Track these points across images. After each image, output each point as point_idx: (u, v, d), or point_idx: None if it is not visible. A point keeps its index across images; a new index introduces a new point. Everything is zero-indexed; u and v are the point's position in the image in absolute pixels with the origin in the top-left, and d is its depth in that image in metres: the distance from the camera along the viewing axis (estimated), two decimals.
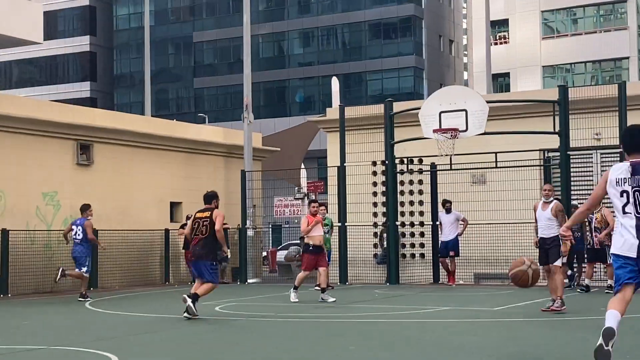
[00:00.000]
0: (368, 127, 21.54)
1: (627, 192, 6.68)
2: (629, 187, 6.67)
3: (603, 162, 20.30)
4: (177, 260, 22.91)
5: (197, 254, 12.71)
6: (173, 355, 9.13)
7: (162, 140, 23.13)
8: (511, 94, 37.78)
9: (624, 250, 6.67)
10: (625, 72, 46.64)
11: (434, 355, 8.61)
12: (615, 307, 6.65)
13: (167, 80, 64.93)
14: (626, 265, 6.68)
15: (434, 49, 60.21)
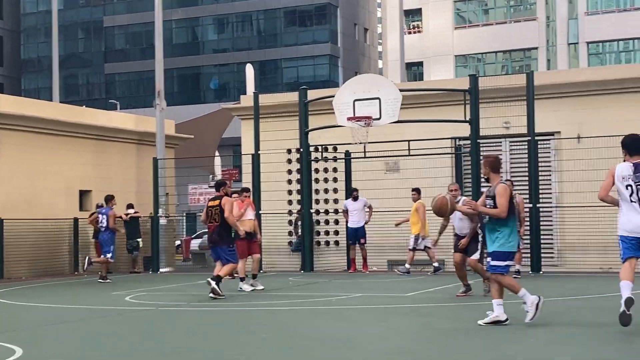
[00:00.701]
0: (283, 114, 21.47)
1: (631, 185, 8.84)
2: (632, 182, 8.85)
3: (512, 151, 20.73)
4: (86, 249, 22.40)
5: (214, 240, 13.66)
6: (81, 346, 8.91)
7: (71, 127, 22.57)
8: (424, 82, 38.30)
9: (631, 231, 8.81)
10: (534, 62, 47.76)
11: (344, 343, 8.63)
12: (626, 278, 8.81)
13: (77, 65, 63.45)
14: (631, 244, 8.85)
15: (349, 37, 60.48)
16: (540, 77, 20.22)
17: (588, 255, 18.69)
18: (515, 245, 9.51)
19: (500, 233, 9.39)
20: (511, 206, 9.38)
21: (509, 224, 9.37)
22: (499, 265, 9.37)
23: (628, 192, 8.83)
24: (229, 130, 34.91)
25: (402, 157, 19.99)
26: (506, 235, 9.37)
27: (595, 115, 20.08)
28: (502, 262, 9.36)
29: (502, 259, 9.36)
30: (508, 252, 9.38)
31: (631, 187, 8.83)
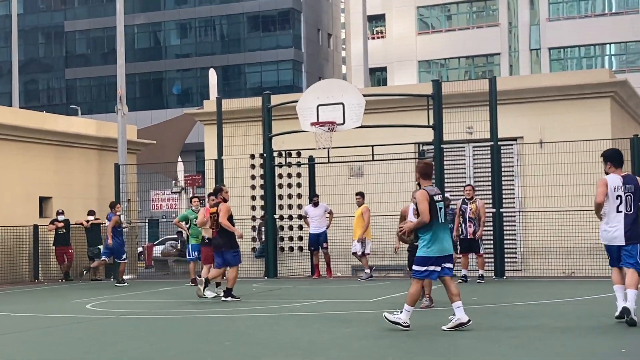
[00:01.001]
0: (246, 120, 21.34)
1: (620, 196, 9.51)
2: (622, 193, 9.52)
3: (475, 155, 20.82)
4: (46, 257, 22.09)
5: (218, 245, 14.01)
6: (41, 355, 8.73)
7: (31, 133, 22.23)
8: (388, 87, 38.42)
9: (611, 241, 9.55)
10: (497, 67, 48.14)
11: (306, 350, 8.55)
12: (617, 282, 9.58)
13: (37, 70, 62.72)
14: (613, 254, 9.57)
15: (312, 42, 60.51)
16: (503, 83, 20.35)
17: (551, 260, 18.81)
18: (435, 251, 9.49)
19: (422, 239, 9.58)
20: (432, 212, 9.47)
21: (430, 230, 9.49)
22: (418, 270, 9.58)
23: (617, 202, 9.53)
24: (192, 136, 34.67)
25: (366, 162, 19.97)
26: (426, 240, 9.52)
27: (557, 121, 20.24)
28: (422, 267, 9.54)
29: (421, 264, 9.54)
30: (427, 257, 9.49)
31: (620, 198, 9.53)
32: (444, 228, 9.63)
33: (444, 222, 9.66)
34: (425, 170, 9.83)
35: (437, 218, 9.52)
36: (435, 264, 9.51)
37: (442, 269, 9.58)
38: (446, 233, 9.65)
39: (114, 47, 27.50)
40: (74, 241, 21.88)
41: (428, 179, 9.84)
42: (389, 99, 21.43)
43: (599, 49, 47.23)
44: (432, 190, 9.65)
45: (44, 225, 21.75)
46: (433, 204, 9.51)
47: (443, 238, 9.55)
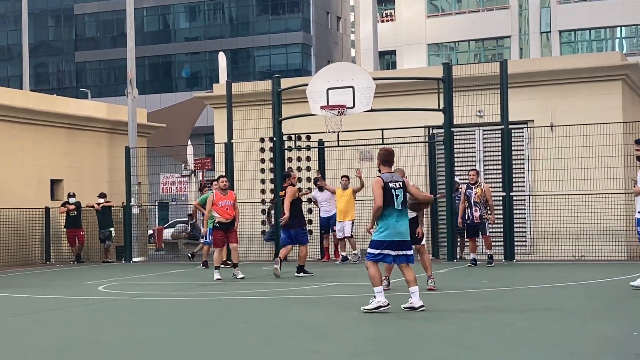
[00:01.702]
0: (255, 103, 21.34)
1: None
2: None
3: (485, 139, 20.78)
4: (58, 239, 22.21)
5: (289, 225, 15.10)
6: (53, 336, 8.81)
7: (42, 116, 22.31)
8: (397, 71, 38.31)
9: None
10: (506, 50, 47.93)
11: (316, 332, 8.60)
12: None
13: (47, 53, 62.77)
14: None
15: (321, 25, 60.33)
16: (514, 66, 20.28)
17: (561, 243, 18.81)
18: (388, 235, 9.70)
19: (377, 223, 9.80)
20: (387, 198, 9.68)
21: (385, 215, 9.70)
22: (371, 253, 9.81)
23: None
24: (201, 119, 34.72)
25: (375, 145, 19.95)
26: (381, 225, 9.75)
27: (568, 104, 20.17)
28: (375, 250, 9.77)
29: (375, 247, 9.78)
30: (381, 241, 9.74)
31: None
32: (400, 214, 9.80)
33: (401, 208, 9.82)
34: (385, 157, 10.07)
35: (393, 204, 9.74)
36: (389, 248, 9.75)
37: (397, 256, 9.80)
38: (402, 219, 9.83)
39: (124, 30, 27.49)
40: (85, 223, 22.00)
41: (388, 166, 10.06)
42: (399, 83, 21.39)
43: (610, 32, 46.96)
44: (388, 177, 9.86)
45: (55, 208, 21.86)
46: (388, 190, 9.75)
47: (398, 223, 9.76)
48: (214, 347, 7.81)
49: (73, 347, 8.11)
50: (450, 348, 7.43)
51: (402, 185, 9.96)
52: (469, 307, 10.36)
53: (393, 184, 9.81)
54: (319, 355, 7.23)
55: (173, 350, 7.70)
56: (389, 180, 9.83)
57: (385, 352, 7.35)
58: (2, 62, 64.47)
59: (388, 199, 9.72)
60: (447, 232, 18.53)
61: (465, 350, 7.28)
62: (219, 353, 7.49)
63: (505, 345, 7.45)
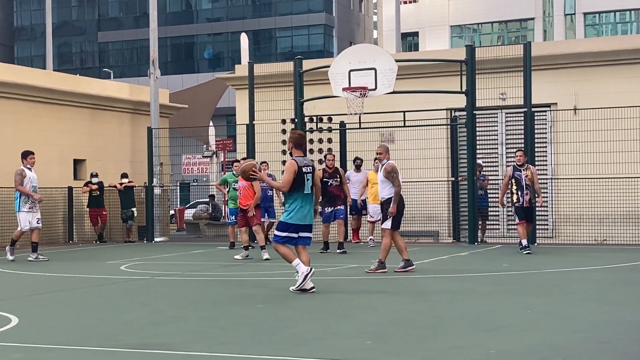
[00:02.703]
0: (277, 84, 21.35)
1: None
2: None
3: (508, 122, 20.69)
4: (81, 218, 22.40)
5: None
6: (76, 315, 8.91)
7: (65, 96, 22.44)
8: (420, 53, 38.13)
9: None
10: (530, 32, 47.53)
11: (337, 314, 8.64)
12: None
13: (70, 33, 63.00)
14: None
15: (344, 6, 60.10)
16: (537, 48, 20.14)
17: (583, 227, 18.73)
18: (295, 219, 9.90)
19: (286, 206, 10.04)
20: (298, 181, 9.82)
21: (296, 199, 9.91)
22: (278, 235, 10.05)
23: None
24: (223, 100, 34.77)
25: (397, 127, 19.93)
26: (290, 208, 9.95)
27: (592, 87, 20.03)
28: (282, 232, 9.99)
29: (282, 229, 10.01)
30: (288, 224, 9.96)
31: None
32: (309, 198, 10.00)
33: (310, 192, 9.99)
34: (298, 141, 10.18)
35: (303, 188, 9.92)
36: (294, 231, 9.99)
37: (299, 237, 10.05)
38: (310, 203, 10.01)
39: (146, 10, 27.57)
40: (107, 203, 22.15)
41: (300, 149, 10.17)
42: (421, 65, 21.31)
43: (635, 14, 46.42)
44: (301, 162, 9.97)
45: (78, 188, 22.03)
46: (301, 175, 9.88)
47: (306, 208, 9.98)
48: (235, 327, 7.87)
49: (96, 325, 8.20)
50: (471, 331, 7.44)
51: (312, 170, 10.12)
52: (489, 290, 10.36)
53: (305, 169, 9.95)
54: (340, 337, 7.27)
55: (194, 329, 7.77)
56: (302, 164, 9.95)
57: (406, 334, 7.38)
58: (26, 41, 64.83)
59: (299, 183, 9.87)
60: (469, 215, 18.50)
61: (486, 334, 7.29)
62: (240, 332, 7.55)
63: (526, 329, 7.45)
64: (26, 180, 15.47)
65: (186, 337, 7.38)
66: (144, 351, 6.76)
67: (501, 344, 6.80)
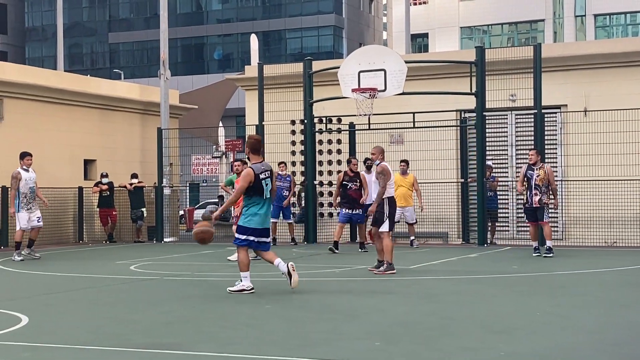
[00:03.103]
0: (287, 85, 21.37)
1: None
2: None
3: (517, 123, 20.65)
4: (91, 218, 22.47)
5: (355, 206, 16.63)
6: (86, 314, 8.94)
7: (75, 96, 22.51)
8: (429, 54, 38.08)
9: None
10: (540, 34, 47.42)
11: (345, 315, 8.64)
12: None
13: (81, 34, 63.20)
14: None
15: (353, 8, 60.10)
16: (548, 50, 20.09)
17: (593, 229, 18.67)
18: (254, 223, 10.14)
19: (245, 211, 10.23)
20: (257, 187, 10.04)
21: (254, 204, 10.13)
22: (238, 238, 10.25)
23: None
24: (233, 101, 34.82)
25: (406, 129, 19.92)
26: (249, 213, 10.17)
27: (602, 89, 19.97)
28: (242, 235, 10.20)
29: (241, 233, 10.22)
30: (247, 227, 10.17)
31: None
32: (268, 203, 10.24)
33: (269, 196, 10.22)
34: (254, 146, 10.31)
35: (262, 194, 10.14)
36: (253, 234, 10.19)
37: (258, 242, 10.29)
38: (268, 207, 10.25)
39: (157, 11, 27.63)
40: (117, 203, 22.21)
41: (257, 155, 10.32)
42: (431, 66, 21.29)
43: None
44: (258, 168, 10.15)
45: (88, 188, 22.09)
46: (259, 181, 10.08)
47: (265, 213, 10.22)
48: (243, 327, 7.88)
49: (106, 325, 8.22)
50: (481, 333, 7.43)
51: (270, 174, 10.28)
52: (499, 291, 10.35)
53: (263, 174, 10.13)
54: (348, 338, 7.27)
55: (203, 329, 7.78)
56: (260, 171, 10.13)
57: (415, 335, 7.38)
58: (37, 42, 65.07)
59: (258, 189, 10.07)
60: (478, 217, 18.48)
61: (495, 335, 7.28)
62: (248, 333, 7.56)
63: (536, 331, 7.44)
64: (22, 182, 15.94)
65: (195, 337, 7.40)
66: (153, 351, 6.78)
67: (511, 346, 6.80)
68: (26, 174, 16.03)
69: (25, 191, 15.97)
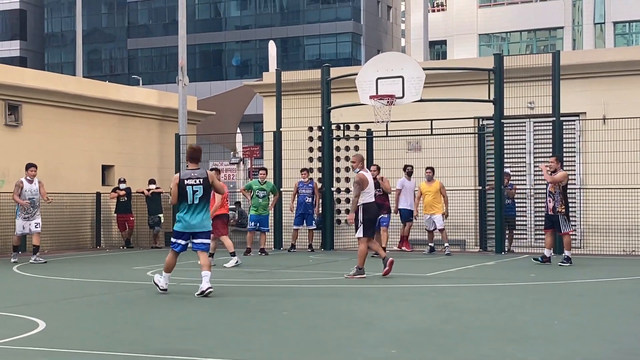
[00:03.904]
0: (305, 92, 21.37)
1: None
2: None
3: (536, 131, 20.56)
4: (108, 224, 22.55)
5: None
6: (103, 319, 8.96)
7: (94, 102, 22.62)
8: (448, 61, 38.03)
9: None
10: (559, 41, 47.25)
11: (362, 322, 8.62)
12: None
13: (100, 40, 63.59)
14: None
15: (372, 14, 60.13)
16: (566, 57, 19.99)
17: (612, 237, 18.55)
18: (180, 227, 10.75)
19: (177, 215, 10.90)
20: (182, 193, 10.63)
21: (181, 209, 10.78)
22: (172, 242, 10.99)
23: None
24: (251, 107, 34.88)
25: (424, 136, 19.88)
26: (178, 217, 10.84)
27: (621, 96, 19.85)
28: (174, 239, 10.93)
29: (174, 237, 10.96)
30: (176, 231, 10.89)
31: None
32: (194, 208, 10.67)
33: (197, 202, 10.65)
34: (190, 155, 10.94)
35: (187, 199, 10.65)
36: (182, 238, 10.84)
37: (186, 244, 10.95)
38: (196, 212, 10.67)
39: (175, 18, 27.77)
40: (135, 209, 22.29)
41: (194, 162, 10.91)
42: (449, 73, 21.24)
43: None
44: (185, 175, 10.74)
45: (106, 193, 22.18)
46: (183, 187, 10.63)
47: (191, 217, 10.69)
48: (260, 334, 7.87)
49: (122, 330, 8.24)
50: (497, 341, 7.39)
51: (203, 181, 10.65)
52: (516, 300, 10.28)
53: (190, 181, 10.62)
54: (364, 345, 7.24)
55: (220, 335, 7.78)
56: (186, 176, 10.68)
57: (431, 343, 7.34)
58: (56, 48, 65.53)
59: (183, 195, 10.62)
60: (496, 224, 18.40)
61: (512, 344, 7.24)
62: (265, 339, 7.55)
63: (553, 339, 7.38)
64: (23, 192, 16.69)
65: (211, 343, 7.40)
66: (169, 357, 6.78)
67: (528, 355, 6.75)
68: (28, 185, 16.77)
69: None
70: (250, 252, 18.11)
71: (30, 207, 16.57)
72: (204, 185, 10.66)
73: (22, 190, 16.59)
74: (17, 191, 16.65)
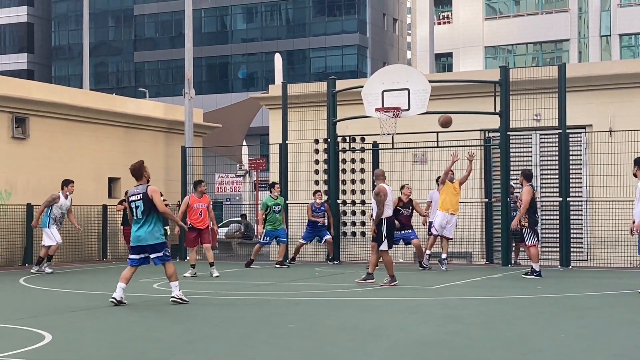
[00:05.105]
0: (310, 104, 21.41)
1: None
2: None
3: (542, 143, 20.54)
4: (115, 236, 22.57)
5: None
6: (110, 332, 8.96)
7: (101, 115, 22.69)
8: (453, 74, 38.06)
9: None
10: (565, 54, 47.29)
11: (369, 334, 8.61)
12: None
13: (107, 53, 63.83)
14: None
15: (377, 27, 60.26)
16: (572, 70, 20.00)
17: (618, 250, 18.49)
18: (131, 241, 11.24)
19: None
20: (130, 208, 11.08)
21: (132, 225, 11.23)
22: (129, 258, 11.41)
23: None
24: (257, 120, 34.93)
25: (430, 148, 19.88)
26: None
27: (628, 109, 19.84)
28: (130, 254, 11.37)
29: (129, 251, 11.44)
30: (130, 246, 11.43)
31: None
32: (140, 222, 11.02)
33: (141, 217, 10.99)
34: (133, 173, 11.25)
35: (133, 215, 11.09)
36: (134, 252, 11.24)
37: (142, 258, 11.28)
38: (142, 227, 11.00)
39: (182, 30, 27.87)
40: None
41: (139, 179, 11.21)
42: (455, 85, 21.25)
43: None
44: (131, 192, 11.21)
45: (112, 206, 22.20)
46: (129, 202, 11.14)
47: (138, 230, 11.05)
48: (266, 346, 7.87)
49: (128, 342, 8.24)
50: (504, 354, 7.37)
51: (142, 197, 10.96)
52: (523, 312, 10.26)
53: (133, 197, 11.05)
54: (371, 357, 7.23)
55: (225, 348, 7.77)
56: (131, 194, 11.17)
57: (437, 356, 7.32)
58: (63, 61, 65.79)
59: (131, 210, 11.13)
60: (502, 237, 18.36)
61: (519, 357, 7.22)
62: (271, 352, 7.54)
63: (560, 352, 7.36)
64: (57, 206, 17.20)
65: (217, 355, 7.39)
66: None
67: None
68: (64, 200, 17.30)
69: (57, 214, 17.24)
70: (252, 263, 18.29)
71: (59, 220, 17.12)
72: (143, 199, 10.96)
73: (54, 203, 17.01)
74: (50, 202, 17.03)
